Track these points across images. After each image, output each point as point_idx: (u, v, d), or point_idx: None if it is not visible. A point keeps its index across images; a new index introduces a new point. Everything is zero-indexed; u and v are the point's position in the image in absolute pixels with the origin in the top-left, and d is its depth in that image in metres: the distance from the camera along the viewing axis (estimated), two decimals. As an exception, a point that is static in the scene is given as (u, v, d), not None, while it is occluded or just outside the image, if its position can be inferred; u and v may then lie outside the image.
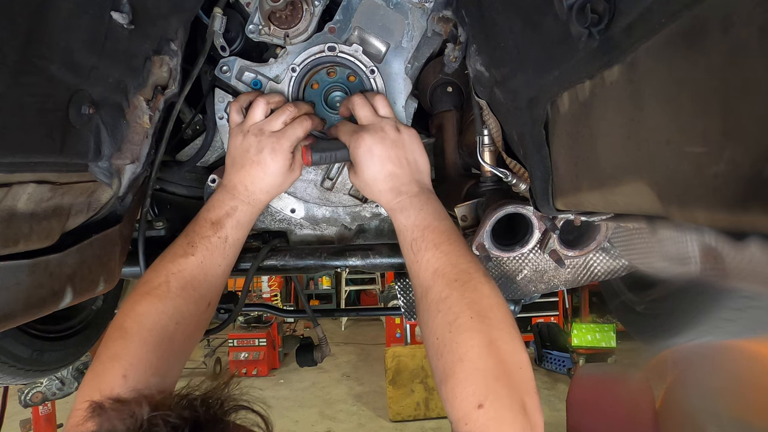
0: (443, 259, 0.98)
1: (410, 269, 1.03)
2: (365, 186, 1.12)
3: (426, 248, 1.00)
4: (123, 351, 0.96)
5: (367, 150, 1.08)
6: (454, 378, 0.87)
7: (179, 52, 1.04)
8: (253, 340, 8.03)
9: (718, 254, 0.47)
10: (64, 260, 0.89)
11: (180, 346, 1.03)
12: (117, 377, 0.92)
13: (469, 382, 0.86)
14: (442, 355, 0.91)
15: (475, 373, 0.86)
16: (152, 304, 1.01)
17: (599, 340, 7.13)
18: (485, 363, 0.87)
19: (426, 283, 0.98)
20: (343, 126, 1.15)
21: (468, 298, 0.93)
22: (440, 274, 0.97)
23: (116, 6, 0.82)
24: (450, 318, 0.92)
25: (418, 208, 1.05)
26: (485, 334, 0.90)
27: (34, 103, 0.70)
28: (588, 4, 0.56)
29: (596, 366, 5.50)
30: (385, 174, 1.08)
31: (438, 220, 1.04)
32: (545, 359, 7.84)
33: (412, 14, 1.19)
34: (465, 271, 0.97)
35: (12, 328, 0.88)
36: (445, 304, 0.94)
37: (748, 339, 1.57)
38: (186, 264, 1.05)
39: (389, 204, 1.09)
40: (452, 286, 0.95)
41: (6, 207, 0.76)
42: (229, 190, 1.13)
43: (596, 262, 1.28)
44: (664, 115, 0.50)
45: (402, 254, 1.07)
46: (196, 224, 1.11)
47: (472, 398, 0.84)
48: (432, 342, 0.94)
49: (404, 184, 1.08)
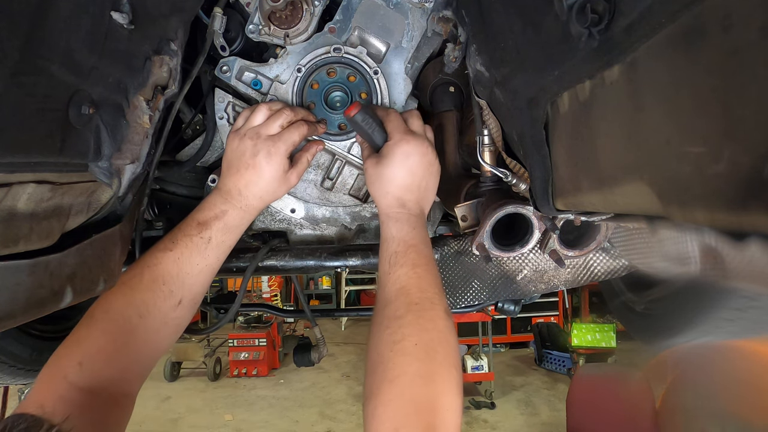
0: (414, 280, 0.98)
1: (380, 280, 1.03)
2: (378, 180, 1.10)
3: (403, 264, 1.00)
4: (84, 338, 0.98)
5: (406, 154, 1.08)
6: (379, 397, 0.86)
7: (179, 52, 1.04)
8: (253, 340, 8.05)
9: (718, 254, 0.47)
10: (64, 260, 0.89)
11: (142, 341, 1.02)
12: (73, 363, 0.93)
13: (392, 406, 0.84)
14: (376, 371, 0.89)
15: (399, 400, 0.85)
16: (122, 295, 1.02)
17: (599, 340, 7.14)
18: (412, 393, 0.85)
19: (388, 297, 0.98)
20: (396, 117, 1.14)
21: (421, 326, 0.92)
22: (405, 292, 0.97)
23: (116, 6, 0.82)
24: (396, 338, 0.91)
25: (411, 226, 1.07)
26: (424, 365, 0.88)
27: (34, 103, 0.70)
28: (588, 4, 0.56)
29: (596, 366, 5.52)
30: (403, 182, 1.09)
31: (424, 245, 1.06)
32: (545, 359, 7.85)
33: (412, 14, 1.19)
34: (429, 299, 0.96)
35: (12, 328, 0.88)
36: (397, 323, 0.93)
37: (748, 339, 1.57)
38: (162, 258, 1.06)
39: (389, 209, 1.09)
40: (410, 309, 0.94)
41: (6, 207, 0.76)
42: (223, 193, 1.12)
43: (596, 262, 1.28)
44: (664, 115, 0.50)
45: (379, 262, 1.06)
46: (184, 223, 1.11)
47: (388, 423, 0.83)
48: (371, 356, 0.92)
49: (411, 201, 1.10)
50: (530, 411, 6.64)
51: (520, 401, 6.96)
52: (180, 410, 7.07)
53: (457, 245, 1.32)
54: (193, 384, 8.01)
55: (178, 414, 6.96)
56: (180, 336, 1.15)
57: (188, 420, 6.84)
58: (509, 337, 8.67)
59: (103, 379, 0.94)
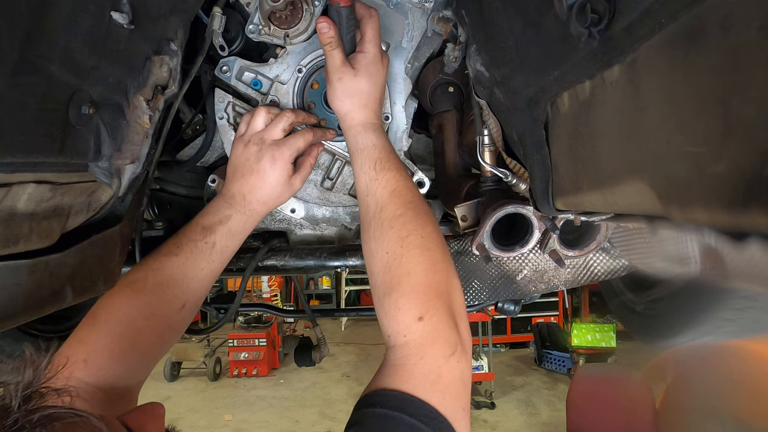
0: (402, 182, 1.04)
1: (366, 186, 1.05)
2: (358, 93, 1.08)
3: (389, 168, 1.04)
4: (88, 337, 0.98)
5: (383, 67, 1.10)
6: (400, 290, 0.92)
7: (179, 52, 1.04)
8: (253, 340, 8.04)
9: (718, 254, 0.47)
10: (64, 260, 0.89)
11: (147, 343, 1.04)
12: (78, 361, 0.94)
13: (414, 294, 0.91)
14: (390, 268, 0.95)
15: (420, 288, 0.91)
16: (126, 297, 1.03)
17: (599, 340, 7.14)
18: (430, 279, 0.93)
19: (383, 201, 1.02)
20: (376, 26, 1.09)
21: (421, 220, 0.99)
22: (398, 194, 1.02)
23: (116, 6, 0.82)
24: (403, 234, 0.97)
25: (385, 136, 1.11)
26: (434, 254, 0.96)
27: (34, 103, 0.70)
28: (588, 4, 0.56)
29: (596, 366, 5.51)
30: (379, 95, 1.11)
31: (394, 149, 1.11)
32: (545, 359, 7.85)
33: (412, 14, 1.19)
34: (417, 197, 1.04)
35: (12, 327, 0.88)
36: (399, 221, 0.98)
37: (748, 339, 1.57)
38: (167, 262, 1.07)
39: (367, 120, 1.09)
40: (407, 206, 1.00)
41: (6, 207, 0.76)
42: (227, 198, 1.13)
43: (596, 262, 1.28)
44: (664, 115, 0.50)
45: (355, 171, 1.09)
46: (188, 227, 1.12)
47: (414, 310, 0.89)
48: (380, 256, 0.98)
49: (379, 112, 1.13)
50: (530, 411, 6.63)
51: (520, 401, 6.96)
52: (180, 410, 7.07)
53: (457, 245, 1.33)
54: (193, 384, 8.01)
55: (178, 414, 6.96)
56: (181, 336, 1.16)
57: (188, 420, 6.83)
58: (509, 337, 8.66)
59: (108, 376, 0.95)
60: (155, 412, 0.72)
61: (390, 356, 0.89)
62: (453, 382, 0.85)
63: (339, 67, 1.06)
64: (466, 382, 0.88)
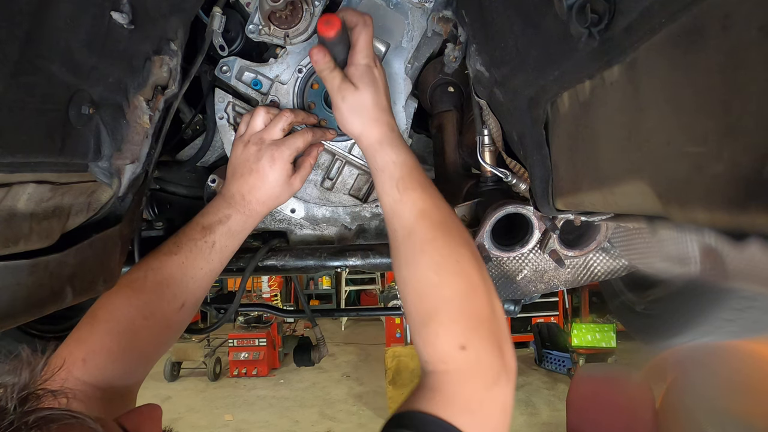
0: (429, 201, 0.97)
1: (391, 209, 0.98)
2: (364, 109, 1.01)
3: (414, 188, 0.97)
4: (87, 336, 0.98)
5: (379, 74, 1.03)
6: (438, 319, 0.88)
7: (179, 52, 1.04)
8: (253, 340, 8.04)
9: (718, 254, 0.47)
10: (64, 260, 0.89)
11: (146, 343, 1.04)
12: (77, 360, 0.94)
13: (454, 324, 0.87)
14: (427, 297, 0.91)
15: (460, 316, 0.88)
16: (126, 297, 1.03)
17: (599, 340, 7.14)
18: (470, 306, 0.89)
19: (410, 225, 0.95)
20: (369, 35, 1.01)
21: (454, 243, 0.93)
22: (426, 215, 0.95)
23: (116, 6, 0.82)
24: (436, 259, 0.92)
25: (405, 148, 1.02)
26: (469, 278, 0.91)
27: (34, 103, 0.70)
28: (588, 4, 0.56)
29: (596, 366, 5.51)
30: (386, 104, 1.03)
31: (417, 162, 1.02)
32: (545, 359, 7.84)
33: (412, 14, 1.19)
34: (449, 215, 0.98)
35: (12, 327, 0.88)
36: (430, 246, 0.93)
37: (748, 339, 1.57)
38: (167, 262, 1.06)
39: (383, 136, 1.01)
40: (437, 228, 0.94)
41: (6, 207, 0.76)
42: (227, 198, 1.13)
43: (596, 262, 1.28)
44: (664, 115, 0.50)
45: (378, 192, 1.02)
46: (188, 227, 1.12)
47: (455, 340, 0.85)
48: (414, 285, 0.93)
49: (393, 121, 1.04)
50: (530, 411, 6.63)
51: (520, 401, 6.95)
52: (180, 410, 7.07)
53: (457, 245, 1.32)
54: (193, 384, 8.01)
55: (178, 414, 6.96)
56: (180, 336, 1.16)
57: (188, 420, 6.83)
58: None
59: (107, 375, 0.96)
60: (152, 413, 0.72)
61: (428, 380, 0.86)
62: (493, 413, 0.83)
63: (339, 86, 1.01)
64: (508, 411, 0.86)
